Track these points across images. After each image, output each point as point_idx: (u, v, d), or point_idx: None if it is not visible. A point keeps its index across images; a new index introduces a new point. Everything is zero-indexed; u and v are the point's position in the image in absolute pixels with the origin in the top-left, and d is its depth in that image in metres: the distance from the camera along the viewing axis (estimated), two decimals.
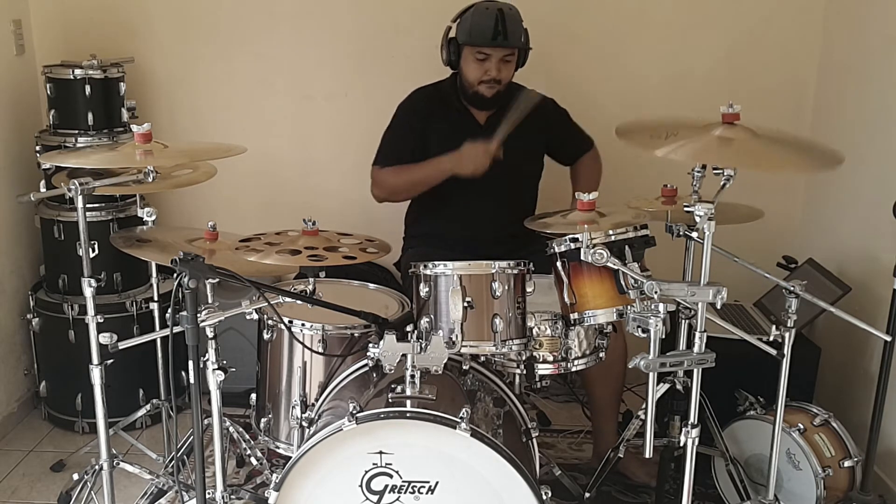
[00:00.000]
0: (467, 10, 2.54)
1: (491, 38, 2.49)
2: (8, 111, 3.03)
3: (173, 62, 3.25)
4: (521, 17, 2.55)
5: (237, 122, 3.26)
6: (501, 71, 2.54)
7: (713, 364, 1.72)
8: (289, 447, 2.17)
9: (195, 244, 2.24)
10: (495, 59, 2.52)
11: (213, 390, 1.80)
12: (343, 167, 3.28)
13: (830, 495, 2.28)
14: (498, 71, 2.53)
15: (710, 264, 1.69)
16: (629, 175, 2.78)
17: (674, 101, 3.12)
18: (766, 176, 3.00)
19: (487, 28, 2.48)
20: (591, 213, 1.96)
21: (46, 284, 3.05)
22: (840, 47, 2.99)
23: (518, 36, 2.53)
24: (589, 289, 1.85)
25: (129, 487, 2.51)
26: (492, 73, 2.53)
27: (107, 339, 1.96)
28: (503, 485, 1.72)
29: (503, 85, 2.57)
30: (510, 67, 2.57)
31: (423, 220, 2.75)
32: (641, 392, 2.94)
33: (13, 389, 3.06)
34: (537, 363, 1.97)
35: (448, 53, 2.59)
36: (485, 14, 2.50)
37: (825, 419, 2.37)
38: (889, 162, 2.60)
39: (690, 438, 1.78)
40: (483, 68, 2.54)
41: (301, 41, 3.21)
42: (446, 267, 1.88)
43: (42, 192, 2.08)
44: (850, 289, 2.55)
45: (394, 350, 1.80)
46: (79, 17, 3.19)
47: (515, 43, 2.52)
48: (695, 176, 1.97)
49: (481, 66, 2.54)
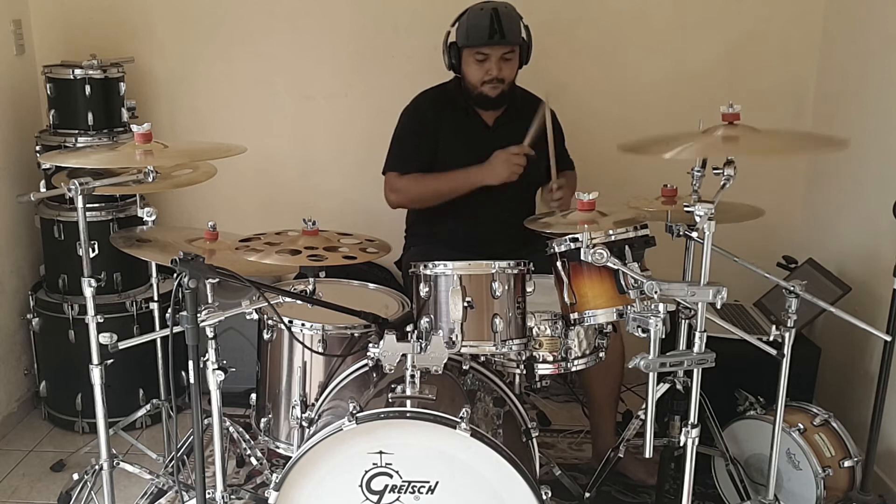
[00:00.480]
0: (464, 14, 2.55)
1: (488, 38, 2.49)
2: (8, 111, 3.03)
3: (173, 62, 3.25)
4: (518, 15, 2.55)
5: (237, 122, 3.26)
6: (503, 69, 2.55)
7: (713, 364, 1.72)
8: (289, 447, 2.17)
9: (195, 244, 2.23)
10: (495, 59, 2.53)
11: (213, 390, 1.80)
12: (343, 167, 3.28)
13: (830, 495, 2.28)
14: (499, 70, 2.54)
15: (710, 264, 1.69)
16: (629, 175, 2.78)
17: (673, 101, 3.11)
18: (767, 176, 3.00)
19: (483, 28, 2.49)
20: (591, 213, 1.96)
21: (46, 284, 3.05)
22: (840, 47, 2.99)
23: (516, 33, 2.53)
24: (589, 289, 1.85)
25: (129, 487, 2.51)
26: (493, 73, 2.54)
27: (107, 339, 1.96)
28: (503, 485, 1.72)
29: (507, 84, 2.58)
30: (512, 65, 2.58)
31: (425, 221, 2.74)
32: (641, 392, 2.93)
33: (13, 389, 3.06)
34: (537, 363, 1.98)
35: (449, 58, 2.60)
36: (480, 15, 2.51)
37: (825, 419, 2.37)
38: (889, 162, 2.60)
39: (690, 438, 1.78)
40: (484, 69, 2.54)
41: (301, 41, 3.21)
42: (446, 267, 1.88)
43: (42, 192, 2.08)
44: (850, 289, 2.55)
45: (394, 350, 1.80)
46: (79, 17, 3.20)
47: (513, 40, 2.53)
48: (695, 176, 1.97)
49: (482, 66, 2.54)
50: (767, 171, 3.03)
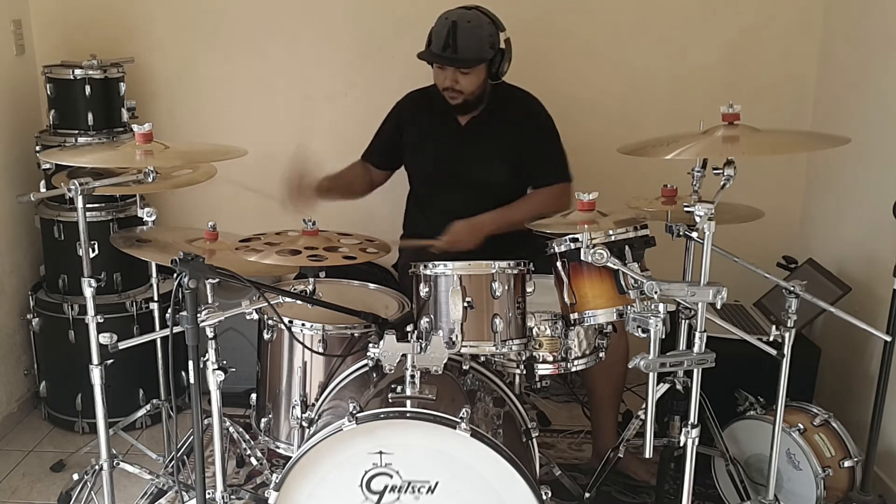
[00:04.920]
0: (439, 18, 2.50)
1: (441, 50, 2.44)
2: (8, 111, 3.03)
3: (173, 62, 3.25)
4: (483, 29, 2.45)
5: (237, 122, 3.26)
6: (459, 81, 2.49)
7: (713, 364, 1.72)
8: (289, 447, 2.17)
9: (195, 244, 2.24)
10: (450, 71, 2.48)
11: (213, 390, 1.80)
12: (343, 167, 3.27)
13: (830, 495, 2.28)
14: (454, 82, 2.49)
15: (710, 264, 1.69)
16: (629, 175, 2.78)
17: (674, 101, 3.12)
18: (767, 176, 3.00)
19: (439, 41, 2.44)
20: (591, 213, 1.96)
21: (46, 284, 3.05)
22: (840, 47, 2.99)
23: (472, 50, 2.44)
24: (589, 289, 1.85)
25: (129, 487, 2.51)
26: (447, 83, 2.50)
27: (107, 339, 1.96)
28: (503, 485, 1.72)
29: (468, 94, 2.52)
30: (470, 79, 2.49)
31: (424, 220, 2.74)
32: (641, 392, 2.93)
33: (13, 389, 3.06)
34: (537, 363, 1.97)
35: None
36: (441, 24, 2.46)
37: (825, 419, 2.37)
38: (889, 162, 2.60)
39: (690, 438, 1.78)
40: (442, 76, 2.51)
41: (301, 41, 3.21)
42: (446, 267, 1.88)
43: (42, 192, 2.08)
44: (850, 289, 2.55)
45: (394, 350, 1.80)
46: (79, 17, 3.19)
47: (465, 57, 2.43)
48: (695, 176, 1.97)
49: (441, 73, 2.52)
50: (767, 171, 3.03)
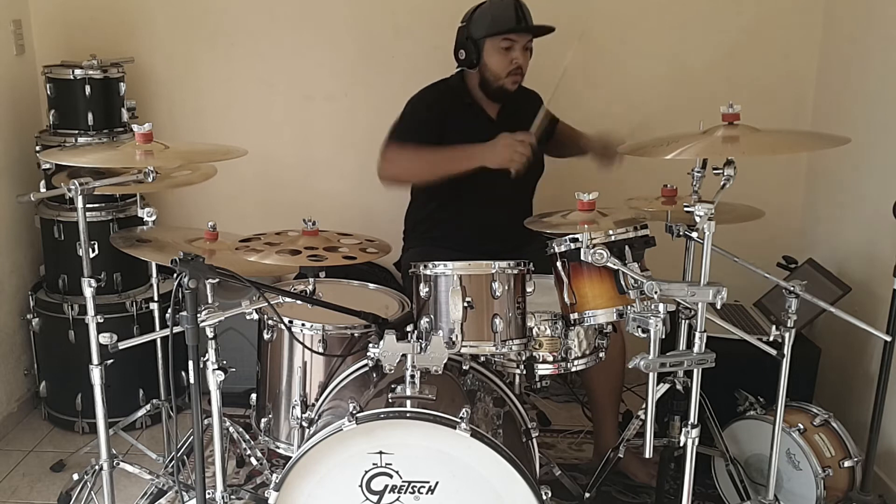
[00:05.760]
0: (478, 8, 2.55)
1: (516, 23, 2.51)
2: (8, 111, 3.03)
3: (173, 62, 3.25)
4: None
5: (237, 123, 3.27)
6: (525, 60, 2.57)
7: (713, 364, 1.72)
8: (289, 447, 2.17)
9: (195, 244, 2.24)
10: (520, 47, 2.54)
11: (213, 390, 1.80)
12: (343, 167, 3.28)
13: (830, 495, 2.28)
14: (524, 59, 2.56)
15: (710, 264, 1.69)
16: (629, 175, 2.78)
17: (673, 101, 3.11)
18: (767, 176, 3.00)
19: (509, 17, 2.50)
20: (591, 213, 1.96)
21: (46, 284, 3.05)
22: (840, 47, 2.99)
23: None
24: (589, 289, 1.85)
25: (129, 487, 2.51)
26: (518, 61, 2.54)
27: (107, 339, 1.96)
28: (503, 485, 1.72)
29: (523, 77, 2.59)
30: (528, 57, 2.59)
31: (424, 220, 2.74)
32: (641, 392, 2.94)
33: (13, 389, 3.06)
34: (537, 363, 1.97)
35: (468, 53, 2.56)
36: (502, 5, 2.52)
37: (825, 419, 2.37)
38: (889, 162, 2.60)
39: (690, 438, 1.78)
40: (509, 58, 2.54)
41: (301, 41, 3.21)
42: (446, 267, 1.88)
43: (42, 192, 2.08)
44: (850, 289, 2.55)
45: (394, 350, 1.80)
46: (79, 17, 3.19)
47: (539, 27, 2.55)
48: (695, 176, 1.97)
49: (507, 55, 2.54)
50: (767, 171, 3.03)
